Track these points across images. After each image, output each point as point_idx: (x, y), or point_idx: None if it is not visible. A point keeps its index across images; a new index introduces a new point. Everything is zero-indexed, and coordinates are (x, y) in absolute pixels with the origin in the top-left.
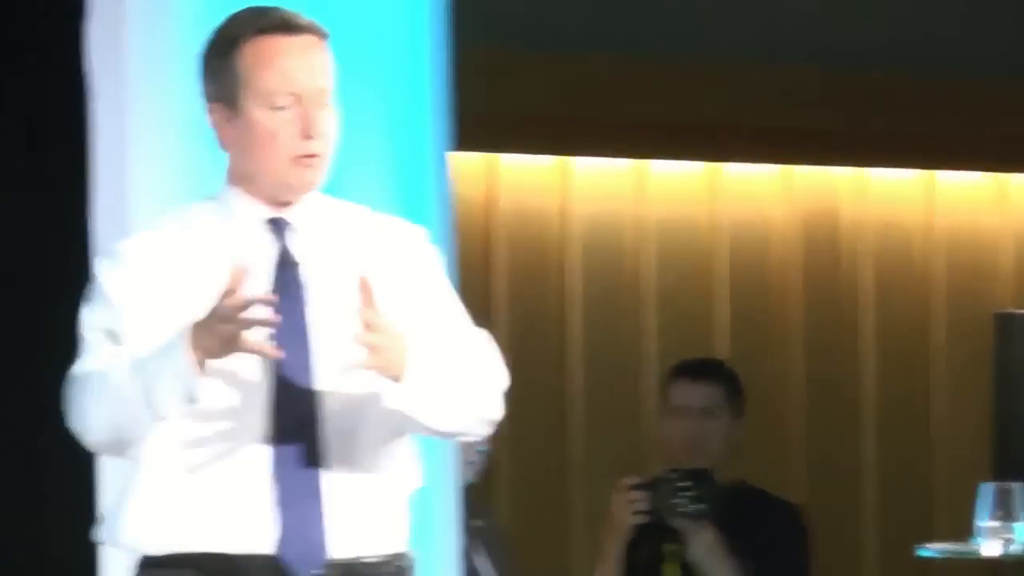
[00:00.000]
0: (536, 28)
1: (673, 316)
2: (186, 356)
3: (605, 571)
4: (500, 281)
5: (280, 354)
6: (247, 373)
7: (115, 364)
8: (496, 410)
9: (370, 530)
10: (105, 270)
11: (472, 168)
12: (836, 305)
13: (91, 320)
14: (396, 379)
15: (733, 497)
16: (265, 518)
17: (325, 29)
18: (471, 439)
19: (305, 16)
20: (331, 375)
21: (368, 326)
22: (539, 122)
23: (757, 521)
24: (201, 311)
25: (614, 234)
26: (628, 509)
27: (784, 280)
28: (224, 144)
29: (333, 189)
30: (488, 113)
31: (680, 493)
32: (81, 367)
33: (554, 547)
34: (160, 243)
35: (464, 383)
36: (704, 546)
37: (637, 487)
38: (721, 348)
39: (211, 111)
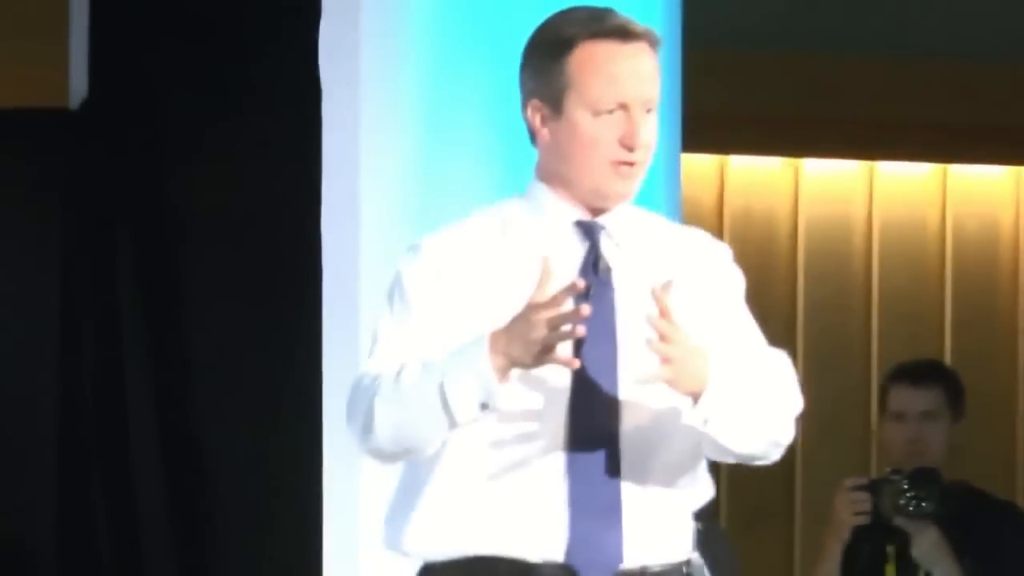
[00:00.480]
0: (765, 29)
1: (899, 317)
2: (488, 361)
3: (826, 571)
4: None
5: (576, 364)
6: (552, 378)
7: (410, 366)
8: (789, 435)
9: (660, 541)
10: (406, 266)
11: (702, 169)
12: None
13: (386, 319)
14: (695, 395)
15: (956, 499)
16: (558, 526)
17: (659, 36)
18: (763, 462)
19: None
20: (632, 386)
21: (663, 337)
22: (768, 123)
23: (981, 523)
24: (506, 314)
25: (843, 235)
26: (851, 510)
27: (1011, 280)
28: (538, 142)
29: None
30: (718, 114)
31: (905, 494)
32: (371, 368)
33: (778, 550)
34: (465, 240)
35: (763, 405)
36: (929, 545)
37: (860, 488)
38: (947, 350)
39: (530, 107)
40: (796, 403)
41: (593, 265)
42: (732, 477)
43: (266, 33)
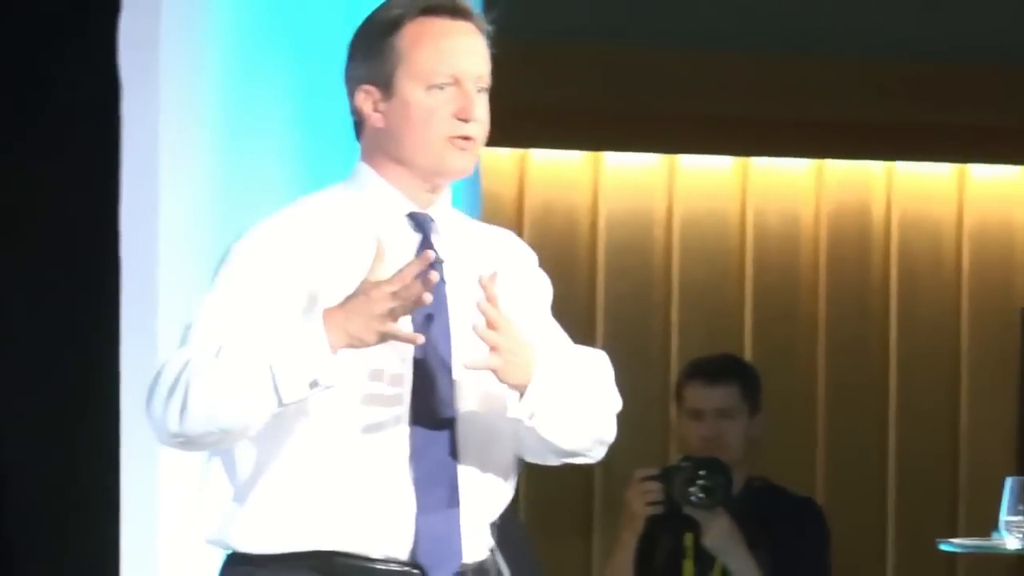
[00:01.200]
0: (565, 20)
1: (700, 312)
2: (322, 336)
3: (619, 562)
4: None
5: (421, 339)
6: (392, 367)
7: (231, 344)
8: (612, 432)
9: (485, 535)
10: (235, 246)
11: (502, 164)
12: (863, 301)
13: (209, 301)
14: (521, 388)
15: (752, 493)
16: (403, 521)
17: (487, 24)
18: (587, 461)
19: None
20: (467, 380)
21: (491, 324)
22: (568, 117)
23: (776, 516)
24: (336, 298)
25: (643, 230)
26: (643, 500)
27: (812, 276)
28: (367, 129)
29: None
30: (517, 107)
31: (694, 482)
32: (183, 353)
33: (576, 545)
34: (296, 225)
35: (587, 402)
36: (719, 533)
37: (651, 478)
38: (747, 344)
39: (360, 94)
40: (616, 401)
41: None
42: (531, 471)
43: (64, 25)
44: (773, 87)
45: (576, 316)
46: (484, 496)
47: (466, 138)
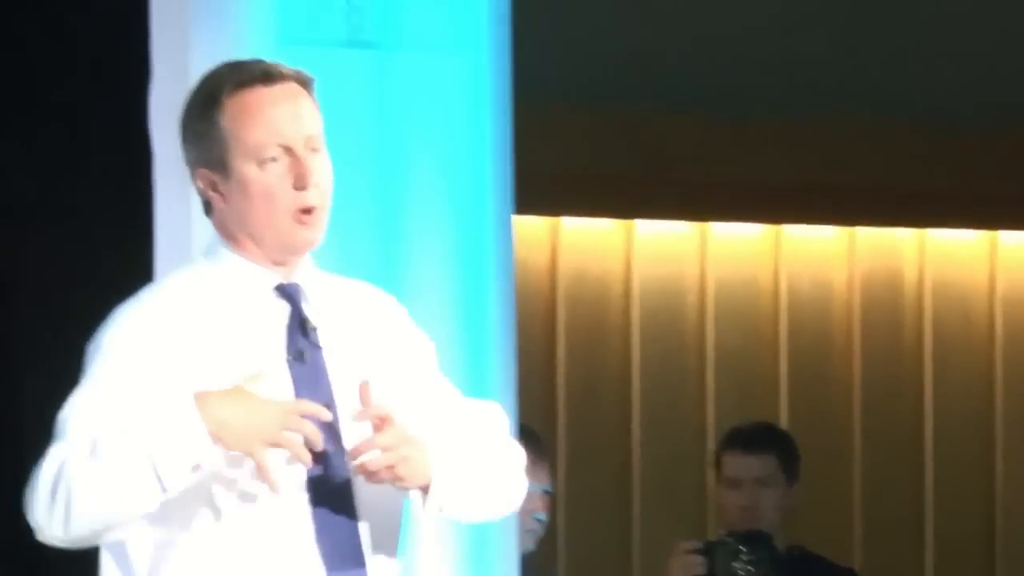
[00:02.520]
0: (595, 87)
1: (734, 378)
2: (200, 424)
3: None
4: (563, 343)
5: (311, 463)
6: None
7: (105, 437)
8: (521, 488)
9: None
10: (102, 336)
11: (534, 232)
12: (896, 365)
13: (78, 396)
14: (423, 487)
15: (791, 562)
16: None
17: (309, 75)
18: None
19: (288, 69)
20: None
21: (388, 447)
22: (601, 183)
23: None
24: (207, 378)
25: (676, 296)
26: (685, 572)
27: (846, 340)
28: (214, 210)
29: (395, 253)
30: (549, 175)
31: (739, 556)
32: (57, 452)
33: None
34: (163, 306)
35: (491, 473)
36: None
37: (695, 551)
38: (782, 408)
39: (199, 177)
40: (518, 455)
41: (300, 327)
42: (569, 531)
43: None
44: (804, 154)
45: (610, 382)
46: (385, 565)
47: (307, 211)
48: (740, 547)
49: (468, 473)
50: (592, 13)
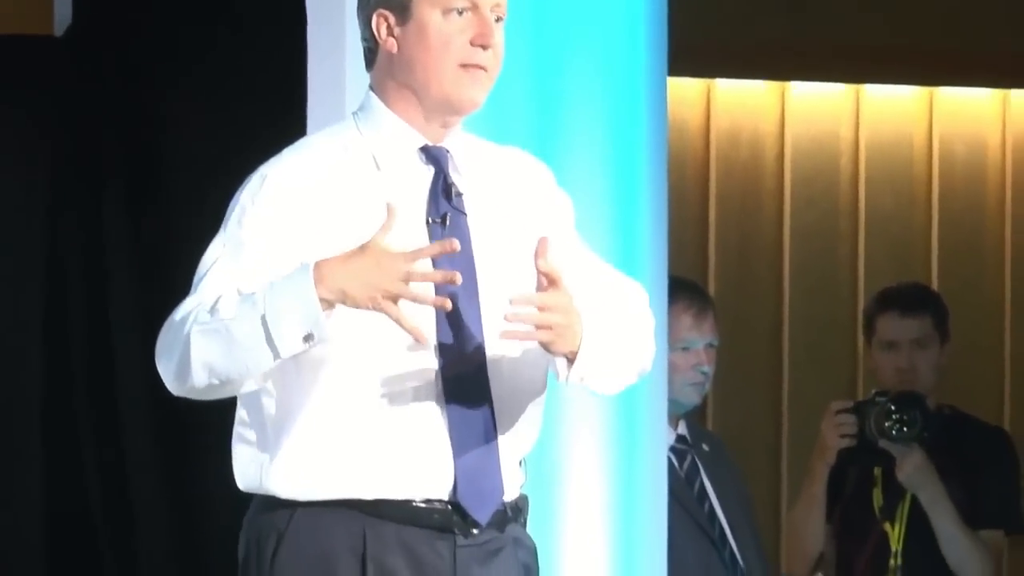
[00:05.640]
0: None
1: (886, 240)
2: (313, 291)
3: (813, 493)
4: (715, 206)
5: (448, 306)
6: (417, 312)
7: (227, 296)
8: (651, 358)
9: (519, 473)
10: (246, 195)
11: (688, 92)
12: None
13: (216, 252)
14: (570, 356)
15: (942, 422)
16: (442, 464)
17: None
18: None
19: None
20: (493, 315)
21: (545, 308)
22: (755, 47)
23: (968, 447)
24: (343, 242)
25: (829, 158)
26: (836, 432)
27: (998, 203)
28: (379, 60)
29: (549, 117)
30: (705, 39)
31: (891, 416)
32: (187, 304)
33: (766, 474)
34: (307, 169)
35: (631, 347)
36: (914, 468)
37: (846, 411)
38: (934, 272)
39: (375, 19)
40: (651, 325)
41: (445, 192)
42: (719, 402)
43: None
44: (957, 18)
45: (762, 245)
46: (518, 432)
47: (480, 67)
48: (892, 407)
49: (611, 345)
50: None
